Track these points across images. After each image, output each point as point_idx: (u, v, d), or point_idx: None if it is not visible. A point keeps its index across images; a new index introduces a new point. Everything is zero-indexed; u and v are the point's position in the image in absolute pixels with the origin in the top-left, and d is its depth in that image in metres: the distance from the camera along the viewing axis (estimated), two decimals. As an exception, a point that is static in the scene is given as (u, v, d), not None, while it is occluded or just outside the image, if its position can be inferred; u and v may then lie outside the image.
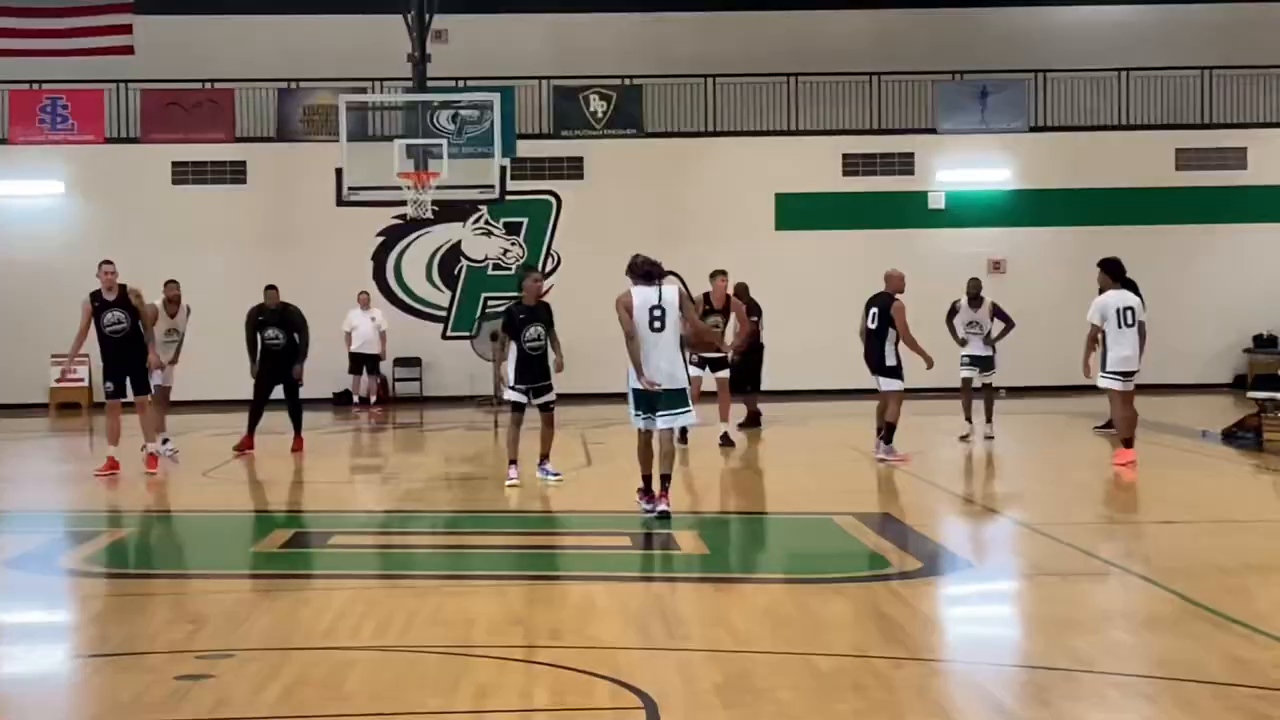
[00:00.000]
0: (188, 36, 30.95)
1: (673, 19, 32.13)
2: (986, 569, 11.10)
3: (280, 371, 19.15)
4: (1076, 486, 15.60)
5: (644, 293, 12.96)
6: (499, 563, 11.51)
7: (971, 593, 10.28)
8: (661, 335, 12.80)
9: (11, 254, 29.25)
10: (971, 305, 20.09)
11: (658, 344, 12.77)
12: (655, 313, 12.83)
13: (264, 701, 7.15)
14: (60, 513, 15.07)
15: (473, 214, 29.92)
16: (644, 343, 12.78)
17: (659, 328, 12.81)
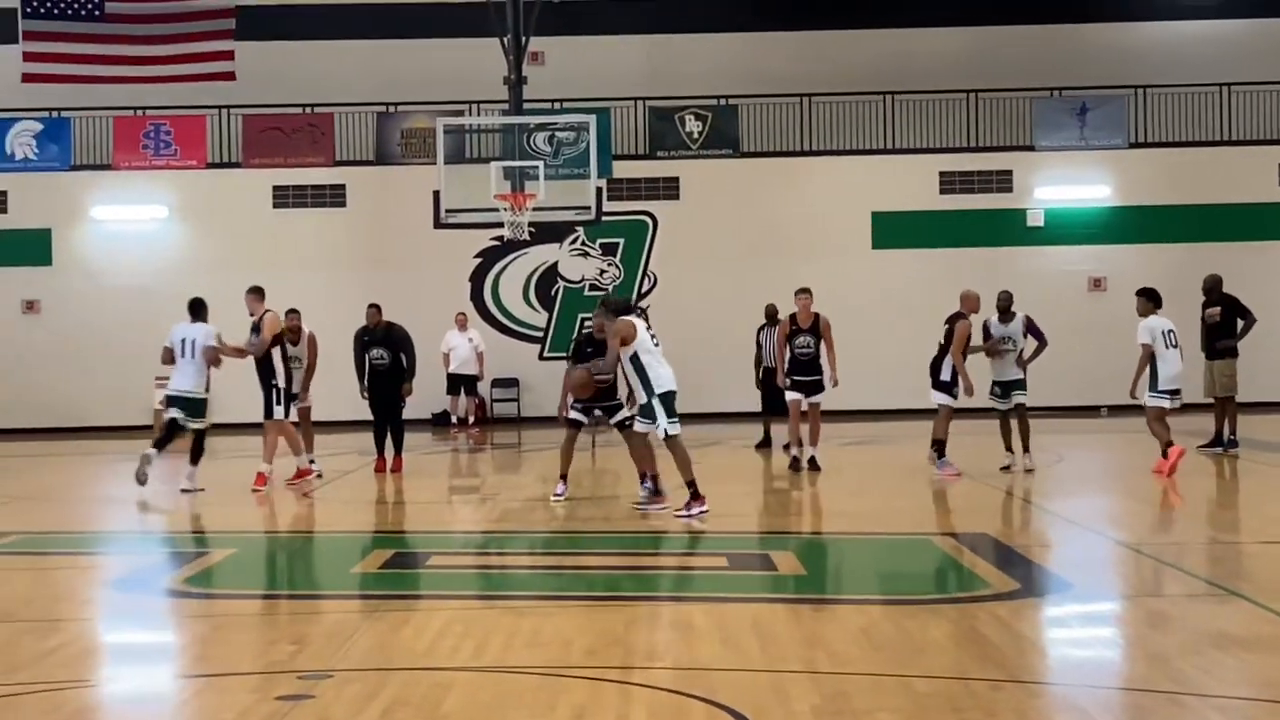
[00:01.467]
0: (288, 62, 31.34)
1: (768, 38, 32.13)
2: (1086, 589, 10.97)
3: (387, 391, 19.23)
4: (1176, 506, 15.41)
5: (638, 322, 14.68)
6: (596, 583, 11.51)
7: (1071, 614, 10.16)
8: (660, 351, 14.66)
9: (116, 278, 29.70)
10: (1002, 320, 18.51)
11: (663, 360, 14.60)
12: (652, 334, 14.75)
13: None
14: (163, 534, 15.27)
15: (569, 235, 30.05)
16: (658, 357, 14.56)
17: (657, 344, 14.68)
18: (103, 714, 7.89)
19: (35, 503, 17.35)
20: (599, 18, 31.63)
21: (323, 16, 31.78)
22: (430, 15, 31.37)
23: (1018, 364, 18.28)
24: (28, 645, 9.13)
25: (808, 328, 18.67)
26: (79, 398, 29.34)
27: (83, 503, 17.85)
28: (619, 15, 31.75)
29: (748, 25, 32.17)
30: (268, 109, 30.45)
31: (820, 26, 32.09)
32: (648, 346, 14.45)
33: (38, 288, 29.79)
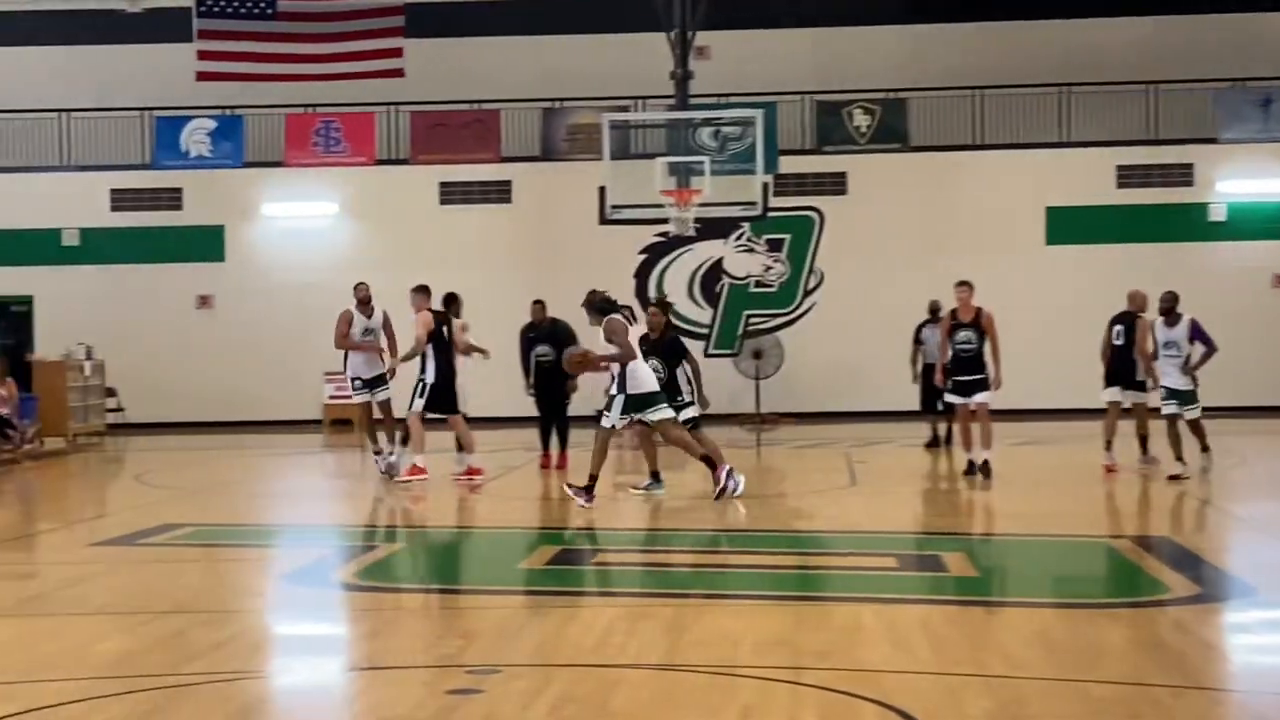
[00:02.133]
0: (455, 58, 31.60)
1: (938, 30, 31.73)
2: (1271, 595, 10.64)
3: (552, 388, 19.25)
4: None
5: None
6: (763, 582, 11.41)
7: (1255, 620, 9.86)
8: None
9: (287, 274, 30.17)
10: (1167, 323, 17.09)
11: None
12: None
13: (531, 717, 7.17)
14: (334, 527, 15.44)
15: (735, 231, 29.93)
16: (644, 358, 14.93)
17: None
18: (274, 705, 7.97)
19: (207, 496, 17.65)
20: (766, 11, 31.44)
21: (489, 13, 32.00)
22: (597, 11, 31.43)
23: (1183, 371, 16.96)
24: (201, 636, 9.25)
25: (969, 322, 17.55)
26: (250, 392, 29.85)
27: (254, 496, 18.14)
28: (786, 9, 31.54)
29: (917, 17, 31.80)
30: (435, 106, 30.73)
31: (992, 18, 31.61)
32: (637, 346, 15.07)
33: (211, 283, 30.37)
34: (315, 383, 29.01)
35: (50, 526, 15.77)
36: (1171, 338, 17.03)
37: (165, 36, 30.91)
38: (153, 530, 14.40)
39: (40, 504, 17.59)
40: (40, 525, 15.94)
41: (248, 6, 29.37)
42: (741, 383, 28.15)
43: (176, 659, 8.64)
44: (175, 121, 30.71)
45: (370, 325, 18.72)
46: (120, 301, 30.05)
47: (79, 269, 30.18)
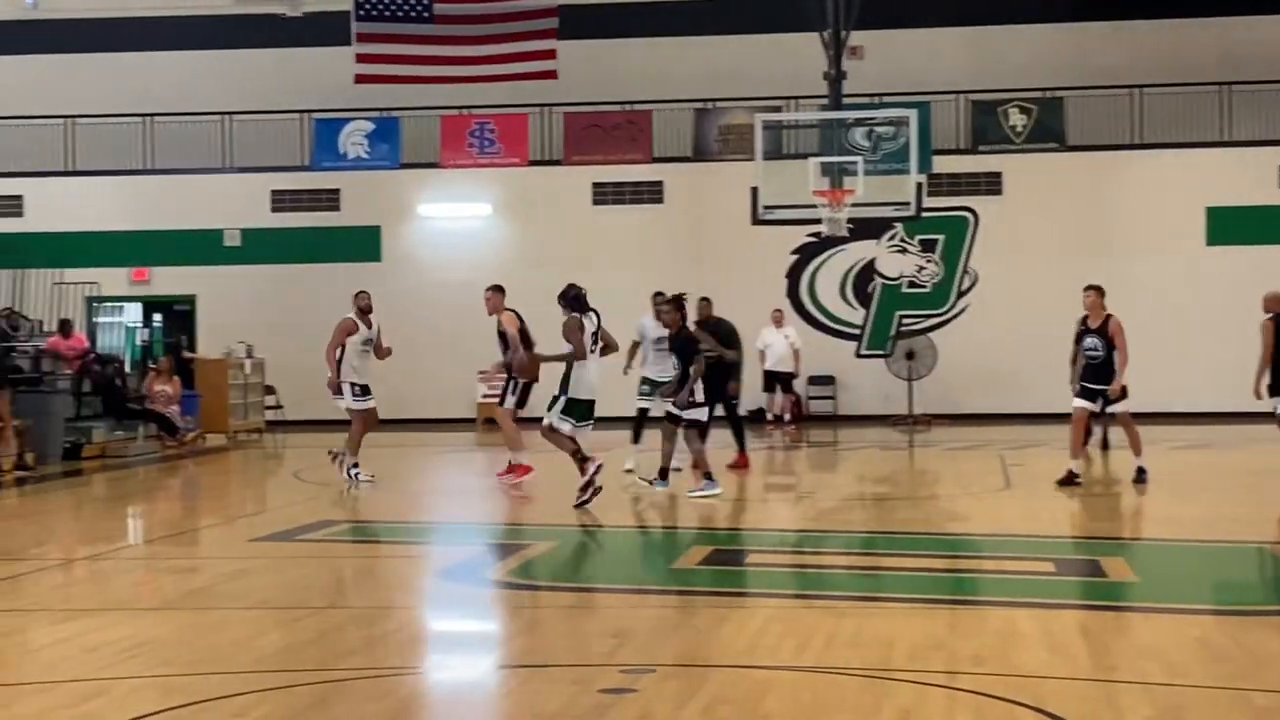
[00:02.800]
0: (607, 60, 31.73)
1: (1096, 28, 31.26)
2: None
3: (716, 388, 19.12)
4: None
5: (588, 321, 15.06)
6: (917, 585, 11.33)
7: None
8: (595, 356, 15.12)
9: (443, 274, 30.48)
10: None
11: (597, 363, 15.13)
12: (593, 337, 15.03)
13: (684, 717, 7.17)
14: (487, 525, 15.58)
15: (887, 231, 29.73)
16: (590, 361, 14.95)
17: (593, 350, 15.06)
18: (429, 701, 8.06)
19: (363, 492, 17.88)
20: (920, 11, 31.19)
21: (642, 14, 32.09)
22: (749, 11, 31.40)
23: None
24: (357, 632, 9.40)
25: (1096, 328, 16.89)
26: (406, 391, 30.14)
27: (408, 493, 18.36)
28: (940, 7, 31.27)
29: (1074, 15, 31.35)
30: (588, 107, 30.88)
31: (1150, 15, 31.06)
32: (590, 353, 15.03)
33: (367, 283, 30.56)
34: (468, 381, 29.27)
35: (212, 522, 16.09)
36: None
37: (324, 40, 31.41)
38: (310, 526, 14.63)
39: (202, 500, 17.96)
40: (202, 520, 16.26)
41: (405, 10, 29.74)
42: (894, 384, 27.97)
43: (334, 654, 8.79)
44: (334, 124, 31.19)
45: (370, 335, 18.83)
46: (280, 301, 30.56)
47: (240, 269, 30.75)
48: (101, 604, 10.71)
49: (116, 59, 32.87)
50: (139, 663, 8.53)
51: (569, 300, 15.20)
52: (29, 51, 32.98)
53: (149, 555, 13.72)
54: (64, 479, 20.53)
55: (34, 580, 11.84)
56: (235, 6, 32.83)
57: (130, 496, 19.36)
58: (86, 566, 12.64)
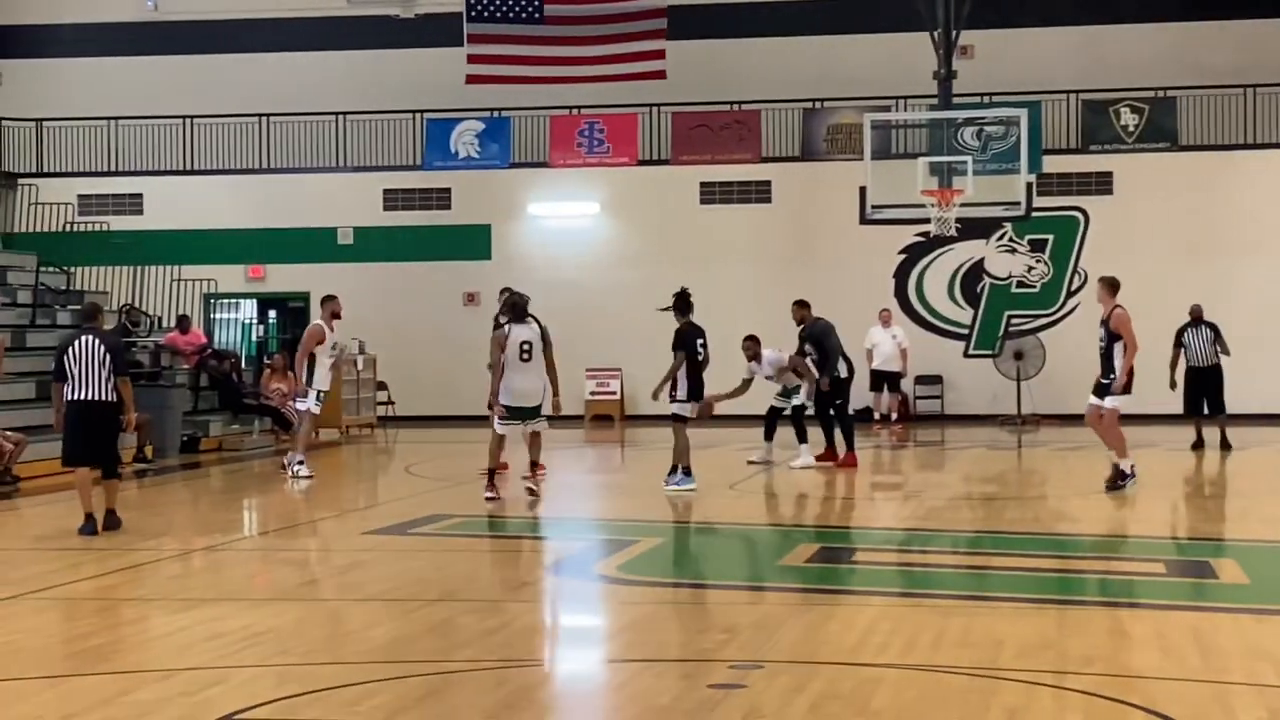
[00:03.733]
0: (715, 59, 31.75)
1: (1208, 27, 30.86)
2: None
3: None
4: None
5: (518, 330, 15.62)
6: (1025, 585, 11.32)
7: None
8: (529, 364, 15.61)
9: (553, 271, 30.61)
10: None
11: (526, 371, 15.60)
12: (525, 346, 15.59)
13: (793, 713, 7.24)
14: (595, 521, 15.71)
15: (996, 231, 29.54)
16: (514, 370, 15.54)
17: (527, 359, 15.57)
18: (543, 693, 8.17)
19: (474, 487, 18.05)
20: (1030, 9, 30.95)
21: (750, 14, 32.08)
22: (857, 10, 31.31)
23: None
24: (469, 624, 9.53)
25: (1102, 320, 16.60)
26: (514, 387, 30.39)
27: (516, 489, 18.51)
28: (1051, 6, 31.00)
29: (1186, 14, 30.97)
30: (696, 106, 30.95)
31: (1265, 14, 30.64)
32: (513, 358, 15.52)
33: (478, 281, 30.98)
34: (578, 378, 29.38)
35: (326, 515, 16.33)
36: None
37: (436, 41, 31.68)
38: (422, 520, 14.84)
39: (316, 493, 18.21)
40: (317, 514, 16.51)
41: (516, 11, 29.94)
42: (1002, 383, 27.79)
43: (446, 646, 8.94)
44: (445, 124, 31.46)
45: (335, 340, 19.61)
46: (391, 298, 30.87)
47: (353, 266, 31.08)
48: (219, 594, 10.94)
49: (233, 60, 33.35)
50: (255, 652, 8.73)
51: (503, 307, 16.18)
52: (149, 53, 33.51)
53: (265, 547, 13.98)
54: (181, 472, 20.93)
55: (153, 570, 12.12)
56: (349, 8, 33.20)
57: (246, 490, 19.69)
58: (204, 557, 12.91)
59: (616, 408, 29.71)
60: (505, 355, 15.62)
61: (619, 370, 29.91)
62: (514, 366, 15.59)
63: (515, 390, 15.66)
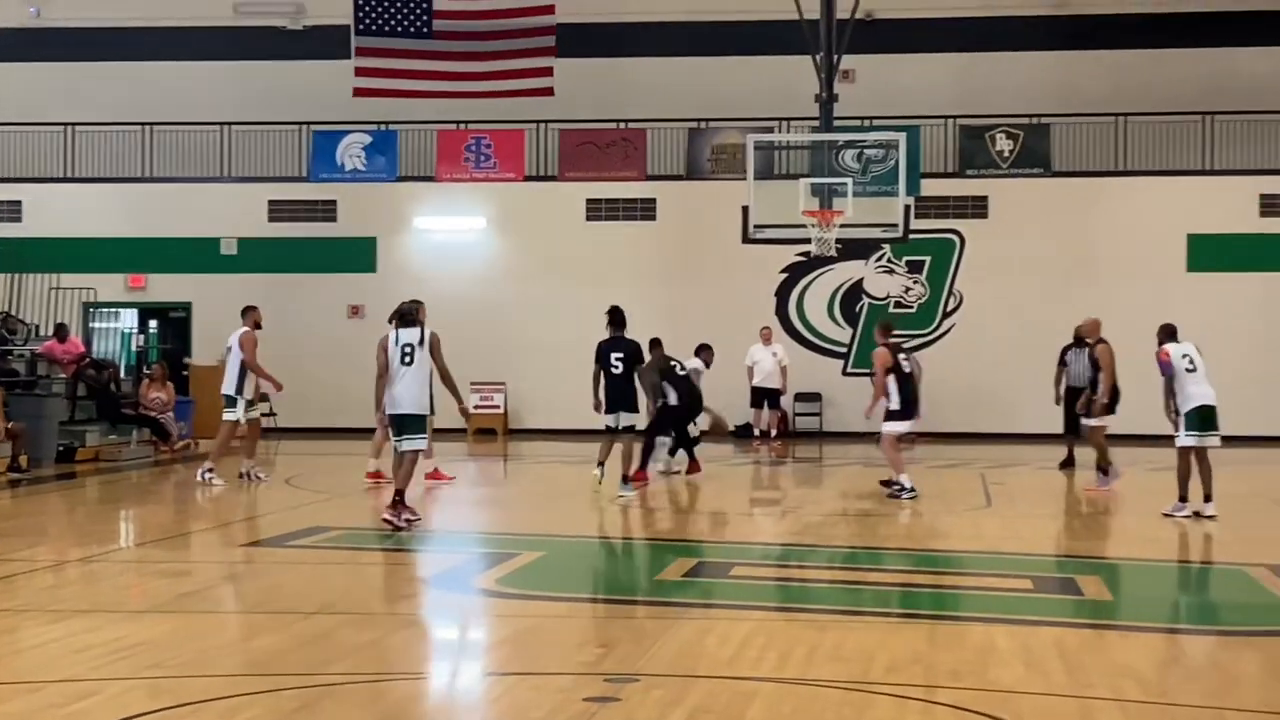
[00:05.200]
0: (603, 78, 31.94)
1: (1082, 57, 31.57)
2: None
3: None
4: None
5: (401, 333, 15.19)
6: (898, 600, 11.51)
7: (1394, 654, 9.80)
8: (409, 368, 15.05)
9: (436, 285, 30.58)
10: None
11: (404, 376, 15.04)
12: (406, 349, 15.09)
13: (668, 726, 7.33)
14: (476, 533, 15.73)
15: (875, 252, 29.95)
16: (395, 374, 15.05)
17: (408, 362, 15.05)
18: (417, 706, 8.19)
19: (355, 500, 18.04)
20: (910, 36, 31.47)
21: (638, 34, 32.29)
22: (742, 33, 31.63)
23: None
24: (346, 637, 9.52)
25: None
26: (397, 400, 30.29)
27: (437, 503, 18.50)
28: (930, 33, 31.54)
29: (1061, 44, 31.64)
30: (583, 124, 31.08)
31: (1135, 45, 31.36)
32: (395, 365, 15.06)
33: (363, 293, 30.90)
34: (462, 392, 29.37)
35: (204, 526, 16.21)
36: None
37: (323, 53, 31.60)
38: (302, 532, 14.78)
39: (194, 504, 18.08)
40: (194, 525, 16.39)
41: (405, 25, 29.92)
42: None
43: (323, 658, 8.89)
44: (331, 136, 31.36)
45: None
46: (274, 309, 30.50)
47: (236, 277, 30.86)
48: (92, 605, 10.83)
49: (118, 68, 33.04)
50: (129, 664, 8.65)
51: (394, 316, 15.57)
52: (32, 59, 33.14)
53: (140, 558, 13.84)
54: (57, 482, 20.68)
55: (26, 581, 11.96)
56: (236, 18, 33.01)
57: (122, 500, 19.48)
58: (78, 568, 12.77)
59: (500, 421, 29.76)
60: (388, 358, 15.16)
61: (503, 384, 29.97)
62: (396, 371, 15.12)
63: (392, 395, 15.18)
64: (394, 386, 15.10)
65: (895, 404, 18.22)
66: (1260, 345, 28.25)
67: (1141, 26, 31.43)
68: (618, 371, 18.10)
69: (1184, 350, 16.34)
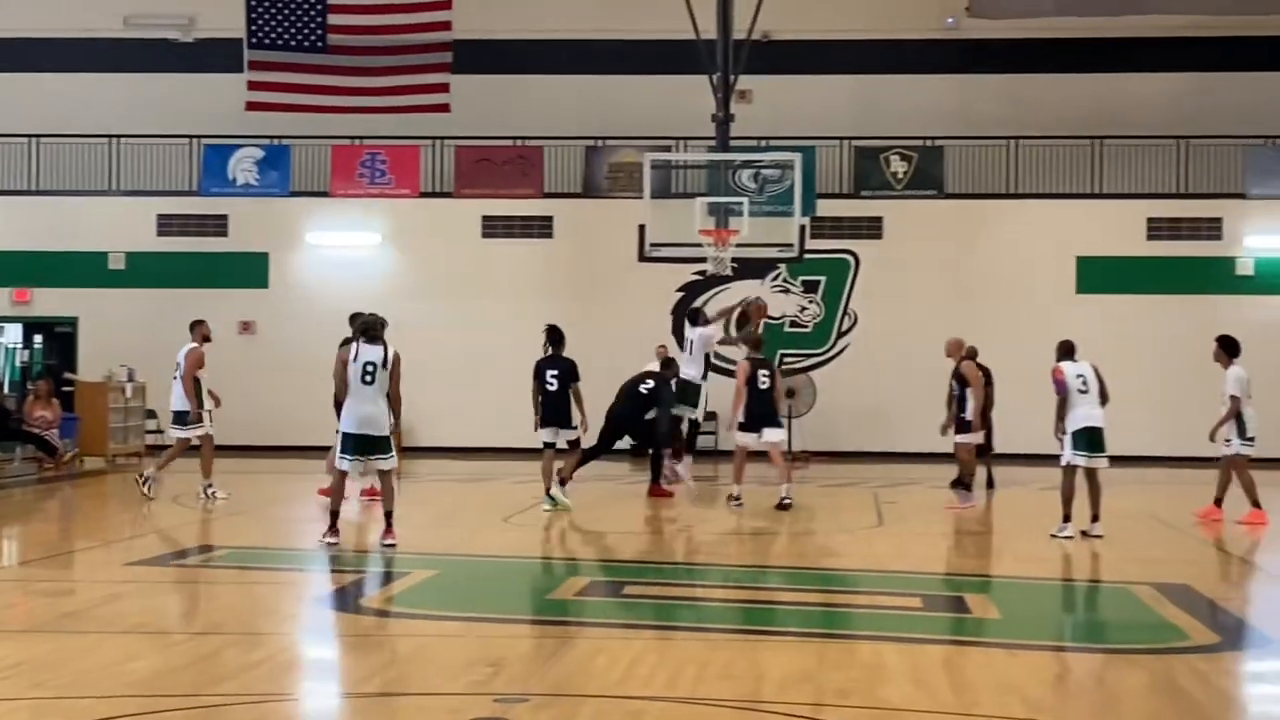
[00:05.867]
0: (501, 95, 31.90)
1: (976, 80, 31.96)
2: (1290, 646, 10.72)
3: None
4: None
5: (365, 349, 14.44)
6: (789, 619, 11.54)
7: (1273, 670, 9.95)
8: (370, 388, 14.33)
9: (329, 302, 30.37)
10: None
11: (365, 395, 14.35)
12: (368, 368, 14.35)
13: (556, 745, 7.31)
14: (368, 553, 15.60)
15: (771, 272, 30.10)
16: (354, 393, 14.32)
17: (369, 381, 14.34)
18: (304, 726, 8.12)
19: (244, 518, 17.85)
20: (807, 57, 31.69)
21: (536, 51, 32.28)
22: (640, 52, 31.70)
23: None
24: (232, 658, 9.41)
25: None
26: (288, 417, 30.05)
27: (289, 520, 18.32)
28: (827, 55, 31.78)
29: (955, 68, 32.01)
30: (480, 141, 31.01)
31: (1028, 70, 31.81)
32: (355, 383, 14.39)
33: (254, 310, 30.65)
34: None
35: (87, 545, 15.98)
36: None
37: (216, 66, 31.33)
38: (188, 551, 14.63)
39: (78, 522, 17.83)
40: (78, 543, 16.15)
41: (299, 39, 29.71)
42: (776, 421, 28.29)
43: (207, 679, 8.79)
44: (223, 150, 31.07)
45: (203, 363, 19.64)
46: (163, 325, 30.24)
47: (124, 292, 30.50)
48: (-27, 626, 10.66)
49: (3, 79, 32.56)
50: (10, 685, 8.50)
51: (355, 328, 14.89)
52: (-85, 68, 32.65)
53: (22, 577, 13.61)
54: (-62, 500, 20.31)
55: (-94, 601, 11.74)
56: (126, 30, 32.64)
57: (4, 518, 19.14)
58: (-41, 588, 12.55)
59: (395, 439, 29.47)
60: (348, 375, 14.40)
61: (396, 402, 29.74)
62: (356, 390, 14.37)
63: (357, 416, 14.40)
64: (354, 407, 14.41)
65: (742, 416, 19.18)
66: (1148, 367, 28.63)
67: (1033, 51, 31.86)
68: (553, 389, 18.49)
69: (1079, 370, 16.49)
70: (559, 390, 18.47)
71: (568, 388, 18.53)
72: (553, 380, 18.49)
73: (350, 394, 14.40)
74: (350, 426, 14.42)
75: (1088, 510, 16.19)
